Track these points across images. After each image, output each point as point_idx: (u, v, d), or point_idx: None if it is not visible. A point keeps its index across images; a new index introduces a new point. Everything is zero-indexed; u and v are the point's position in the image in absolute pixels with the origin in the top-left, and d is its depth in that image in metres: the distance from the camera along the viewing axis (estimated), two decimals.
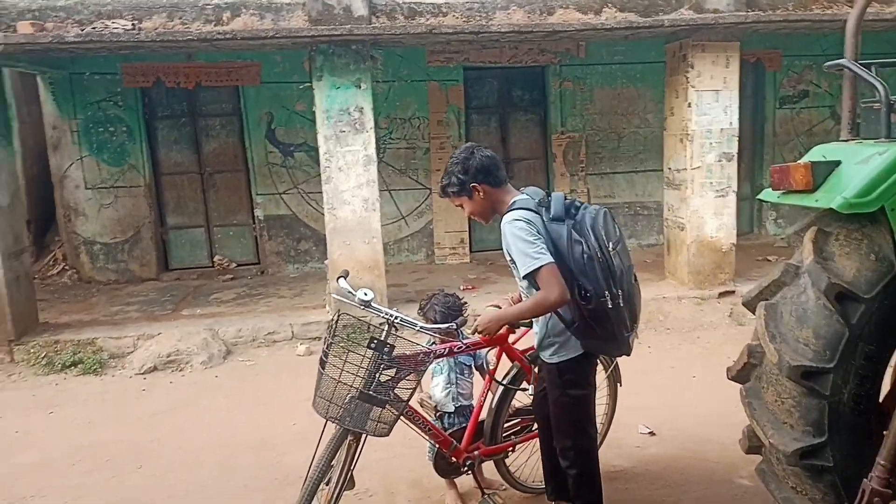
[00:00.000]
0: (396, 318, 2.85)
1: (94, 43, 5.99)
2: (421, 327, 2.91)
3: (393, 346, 2.74)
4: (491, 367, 3.26)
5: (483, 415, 3.28)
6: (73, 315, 7.10)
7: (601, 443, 3.61)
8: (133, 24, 6.09)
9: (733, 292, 6.79)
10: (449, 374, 3.43)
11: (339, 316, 2.82)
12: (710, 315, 6.63)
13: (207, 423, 4.83)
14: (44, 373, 5.95)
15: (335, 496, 2.77)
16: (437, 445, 3.18)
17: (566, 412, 2.92)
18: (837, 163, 2.49)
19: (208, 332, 6.32)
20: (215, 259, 8.88)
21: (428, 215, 9.02)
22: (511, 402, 3.32)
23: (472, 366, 3.49)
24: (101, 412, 5.12)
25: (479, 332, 2.80)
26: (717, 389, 4.49)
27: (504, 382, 3.23)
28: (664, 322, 6.56)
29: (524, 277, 2.65)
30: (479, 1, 6.59)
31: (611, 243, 2.64)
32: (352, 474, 2.85)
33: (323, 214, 6.79)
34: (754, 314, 2.64)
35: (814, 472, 2.39)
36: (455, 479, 3.56)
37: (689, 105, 6.84)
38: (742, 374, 2.71)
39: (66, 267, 8.65)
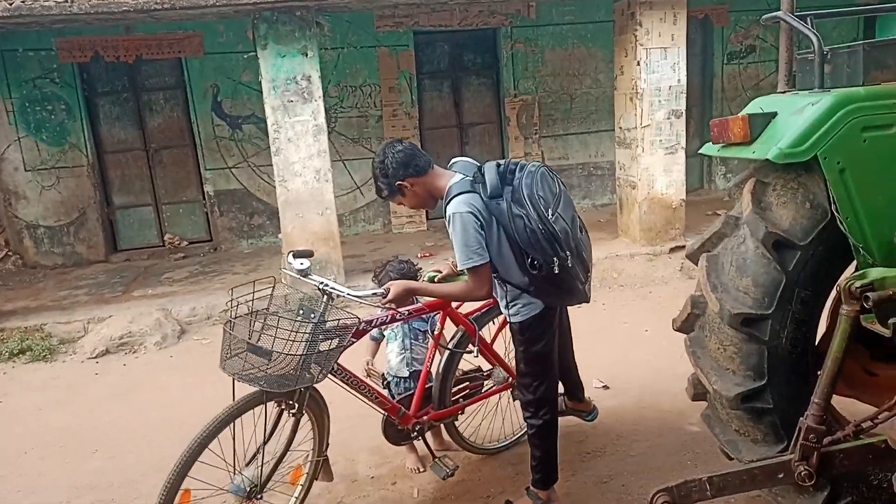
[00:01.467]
0: (328, 286, 2.84)
1: (23, 17, 5.71)
2: (349, 294, 2.86)
3: (325, 319, 2.73)
4: (436, 332, 3.27)
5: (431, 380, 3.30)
6: (18, 302, 6.89)
7: None
8: None
9: (683, 247, 6.91)
10: (403, 340, 3.45)
11: (274, 286, 2.76)
12: (662, 270, 6.76)
13: (163, 402, 4.77)
14: None
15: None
16: (386, 413, 3.18)
17: (529, 366, 2.99)
18: (774, 114, 2.52)
19: (161, 312, 6.21)
20: (166, 237, 8.69)
21: None
22: (457, 365, 3.35)
23: (427, 332, 3.50)
24: (53, 398, 5.01)
25: (390, 302, 2.80)
26: (669, 342, 4.60)
27: (449, 346, 3.27)
28: (617, 279, 6.67)
29: (459, 271, 2.76)
30: None
31: (550, 209, 2.68)
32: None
33: (275, 187, 6.68)
34: (697, 266, 2.69)
35: (755, 414, 2.48)
36: (414, 444, 3.59)
37: (639, 63, 6.86)
38: (686, 324, 2.77)
39: (10, 252, 8.36)
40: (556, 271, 2.67)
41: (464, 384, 3.48)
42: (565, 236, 2.69)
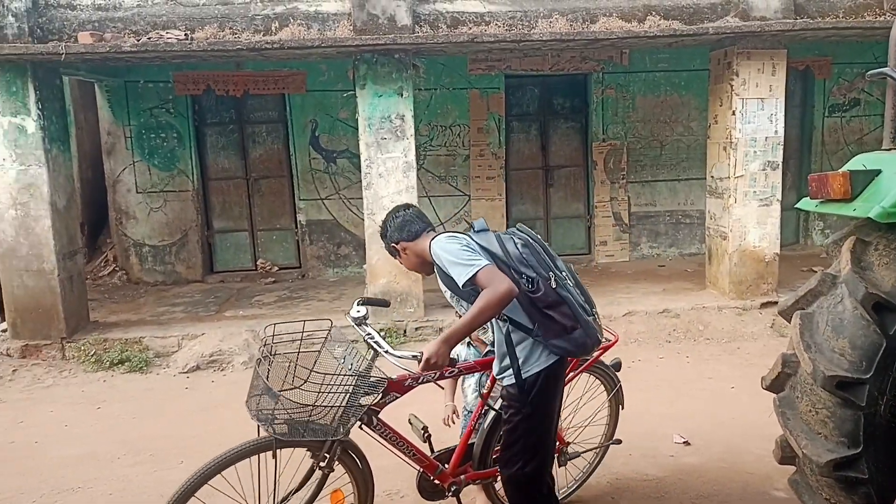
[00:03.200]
0: (374, 338, 2.79)
1: (148, 52, 6.22)
2: (387, 352, 2.71)
3: (369, 374, 2.68)
4: (484, 391, 3.15)
5: (474, 438, 3.14)
6: (121, 315, 7.36)
7: (592, 472, 3.65)
8: (186, 35, 6.31)
9: (775, 303, 6.64)
10: (480, 378, 3.46)
11: (330, 330, 2.84)
12: (752, 326, 6.51)
13: (247, 420, 4.94)
14: (93, 369, 6.18)
15: None
16: (422, 469, 3.04)
17: (526, 435, 2.69)
18: (878, 172, 2.46)
19: (249, 333, 6.48)
20: (258, 262, 9.10)
21: (466, 221, 9.07)
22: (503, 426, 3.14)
23: None
24: (146, 408, 5.30)
25: (429, 366, 2.50)
26: (756, 401, 4.43)
27: (496, 406, 3.04)
28: (703, 332, 6.46)
29: (464, 286, 2.49)
30: (522, 10, 6.64)
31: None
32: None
33: (363, 220, 6.91)
34: (790, 323, 2.61)
35: (848, 483, 2.36)
36: (487, 484, 3.58)
37: (734, 113, 6.74)
38: (776, 383, 2.68)
39: (117, 268, 8.97)
40: (554, 285, 2.58)
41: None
42: (556, 258, 2.73)
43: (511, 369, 2.67)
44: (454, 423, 3.46)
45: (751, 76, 6.69)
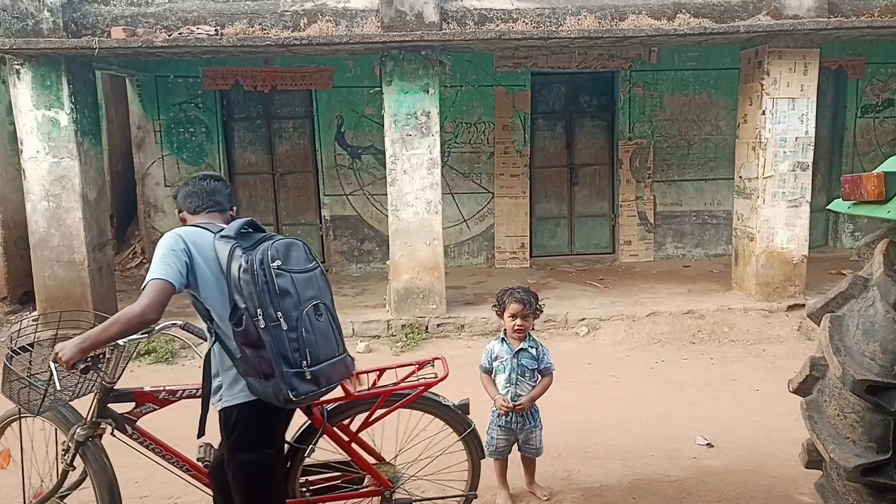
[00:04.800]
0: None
1: (179, 48, 6.31)
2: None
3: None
4: (516, 388, 3.34)
5: None
6: None
7: None
8: (216, 30, 6.38)
9: (803, 306, 6.55)
10: (510, 374, 3.47)
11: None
12: (778, 328, 6.42)
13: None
14: None
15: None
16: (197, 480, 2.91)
17: (235, 478, 2.51)
18: None
19: None
20: None
21: (490, 219, 9.07)
22: (303, 457, 2.88)
23: (535, 370, 3.50)
24: None
25: (59, 361, 2.36)
26: (781, 404, 4.39)
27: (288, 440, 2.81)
28: (728, 334, 6.39)
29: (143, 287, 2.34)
30: (550, 7, 6.61)
31: (278, 262, 2.32)
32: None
33: (387, 216, 6.94)
34: (819, 326, 2.58)
35: (876, 489, 2.32)
36: (507, 478, 3.60)
37: (764, 112, 6.65)
38: (804, 386, 2.65)
39: (145, 260, 9.12)
40: (262, 325, 2.25)
41: (318, 475, 3.01)
42: (286, 296, 2.31)
43: (218, 392, 2.51)
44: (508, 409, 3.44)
45: (782, 75, 6.59)
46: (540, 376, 3.50)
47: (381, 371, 3.01)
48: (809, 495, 3.38)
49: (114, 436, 2.86)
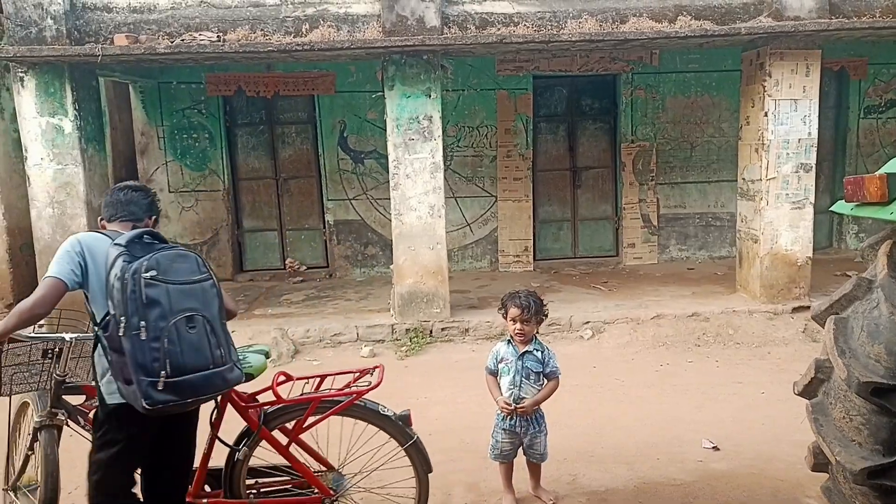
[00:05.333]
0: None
1: (181, 54, 6.33)
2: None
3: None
4: (516, 388, 3.39)
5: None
6: None
7: None
8: (218, 37, 6.40)
9: (807, 308, 6.53)
10: (514, 377, 3.46)
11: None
12: (783, 330, 6.41)
13: None
14: None
15: None
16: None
17: (91, 474, 2.63)
18: None
19: (278, 331, 6.56)
20: (287, 262, 9.19)
21: (493, 223, 9.07)
22: (244, 462, 2.96)
23: (539, 373, 3.50)
24: None
25: None
26: (787, 407, 4.38)
27: (228, 443, 2.93)
28: (733, 336, 6.37)
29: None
30: (551, 10, 6.62)
31: (152, 272, 2.38)
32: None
33: (390, 220, 6.94)
34: (824, 328, 2.57)
35: (882, 492, 2.32)
36: (512, 484, 3.60)
37: (766, 114, 6.64)
38: (809, 389, 2.65)
39: None
40: (120, 333, 2.33)
41: (267, 478, 3.08)
42: (153, 306, 2.36)
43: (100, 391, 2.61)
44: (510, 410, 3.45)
45: (784, 77, 6.59)
46: (546, 380, 3.50)
47: (322, 378, 3.07)
48: (816, 498, 3.37)
49: (68, 425, 3.06)
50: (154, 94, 8.71)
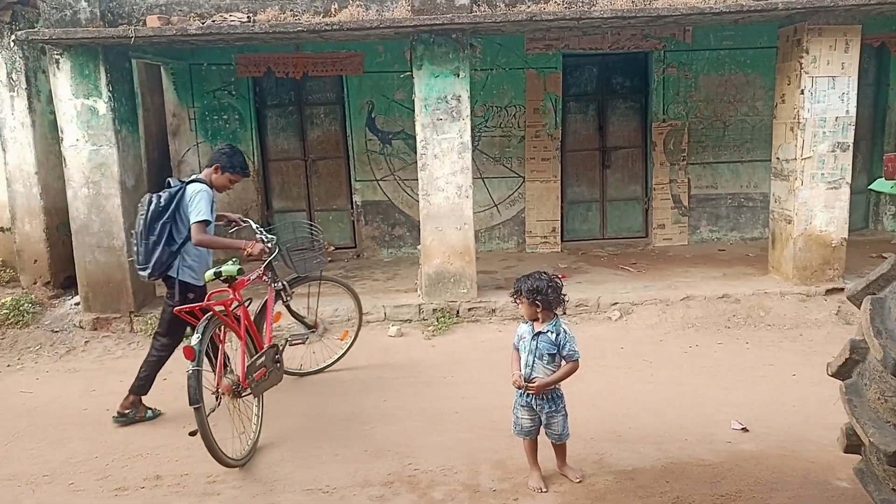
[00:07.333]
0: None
1: (213, 35, 6.38)
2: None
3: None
4: (535, 356, 3.52)
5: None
6: None
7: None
8: (248, 17, 6.43)
9: (841, 289, 6.41)
10: (527, 356, 3.52)
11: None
12: (816, 312, 6.30)
13: (306, 392, 5.11)
14: None
15: None
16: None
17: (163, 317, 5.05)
18: None
19: (306, 311, 6.61)
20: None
21: (520, 203, 9.03)
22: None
23: (555, 354, 3.49)
24: None
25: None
26: (818, 389, 4.33)
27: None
28: (764, 318, 6.29)
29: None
30: None
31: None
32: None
33: (417, 201, 6.95)
34: (859, 309, 2.53)
35: None
36: (538, 461, 3.62)
37: (802, 92, 6.49)
38: (843, 370, 2.61)
39: None
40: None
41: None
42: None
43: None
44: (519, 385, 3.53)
45: (822, 53, 6.42)
46: (564, 362, 3.49)
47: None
48: (847, 480, 3.34)
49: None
50: (185, 76, 8.80)
